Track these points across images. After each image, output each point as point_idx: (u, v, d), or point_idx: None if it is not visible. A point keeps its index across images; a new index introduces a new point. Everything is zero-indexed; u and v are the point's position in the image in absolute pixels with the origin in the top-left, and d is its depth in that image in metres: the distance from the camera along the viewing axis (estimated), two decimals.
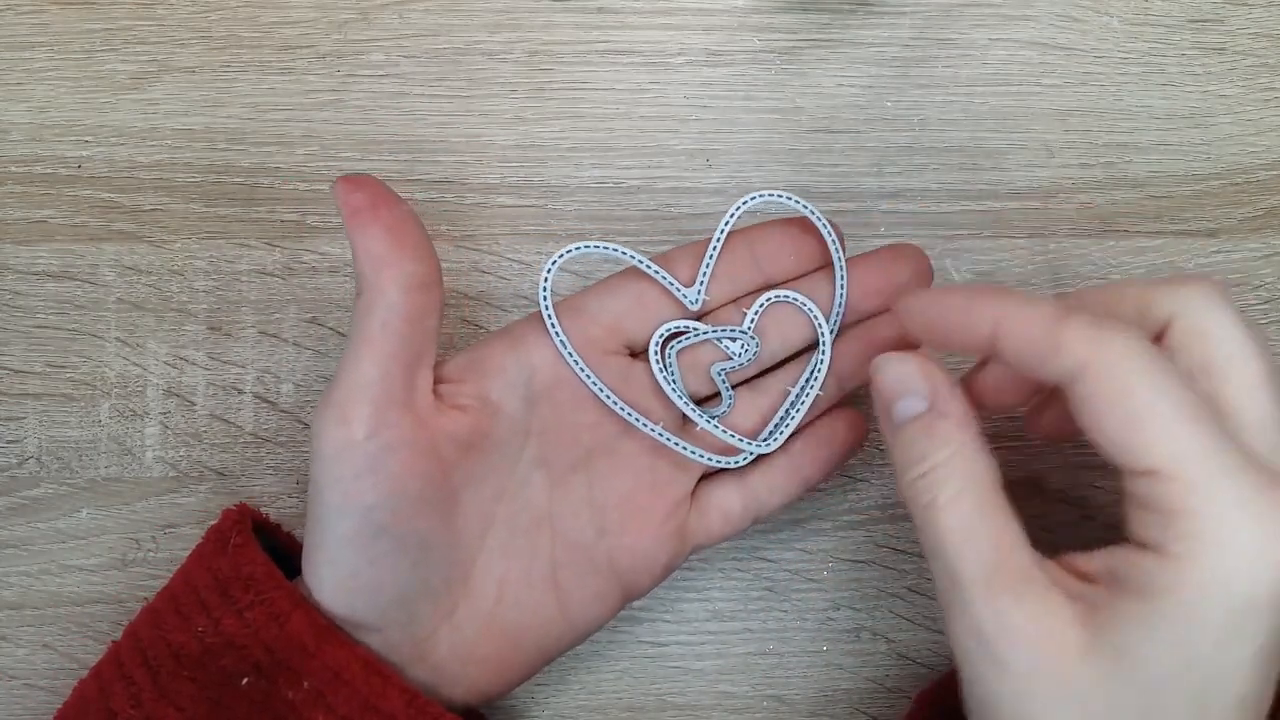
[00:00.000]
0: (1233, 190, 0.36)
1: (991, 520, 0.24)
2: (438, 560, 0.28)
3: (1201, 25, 0.37)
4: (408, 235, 0.26)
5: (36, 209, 0.35)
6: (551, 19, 0.36)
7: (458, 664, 0.29)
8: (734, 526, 0.31)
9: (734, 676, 0.34)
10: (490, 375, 0.29)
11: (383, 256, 0.26)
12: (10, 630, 0.34)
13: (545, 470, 0.30)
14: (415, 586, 0.28)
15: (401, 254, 0.26)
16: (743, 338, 0.30)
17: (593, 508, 0.30)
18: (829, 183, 0.36)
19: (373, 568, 0.27)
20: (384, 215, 0.26)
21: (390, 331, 0.26)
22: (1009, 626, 0.22)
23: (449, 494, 0.28)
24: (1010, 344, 0.24)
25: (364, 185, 0.26)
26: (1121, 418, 0.22)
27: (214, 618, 0.27)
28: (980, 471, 0.24)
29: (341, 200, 0.26)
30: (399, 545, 0.27)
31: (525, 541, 0.30)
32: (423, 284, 0.27)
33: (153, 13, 0.36)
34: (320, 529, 0.27)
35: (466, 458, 0.28)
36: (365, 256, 0.26)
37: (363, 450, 0.26)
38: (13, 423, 0.34)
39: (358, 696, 0.26)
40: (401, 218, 0.26)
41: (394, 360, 0.26)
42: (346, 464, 0.26)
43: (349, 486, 0.26)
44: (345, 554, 0.27)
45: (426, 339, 0.27)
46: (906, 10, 0.37)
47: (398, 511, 0.27)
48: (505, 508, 0.29)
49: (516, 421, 0.29)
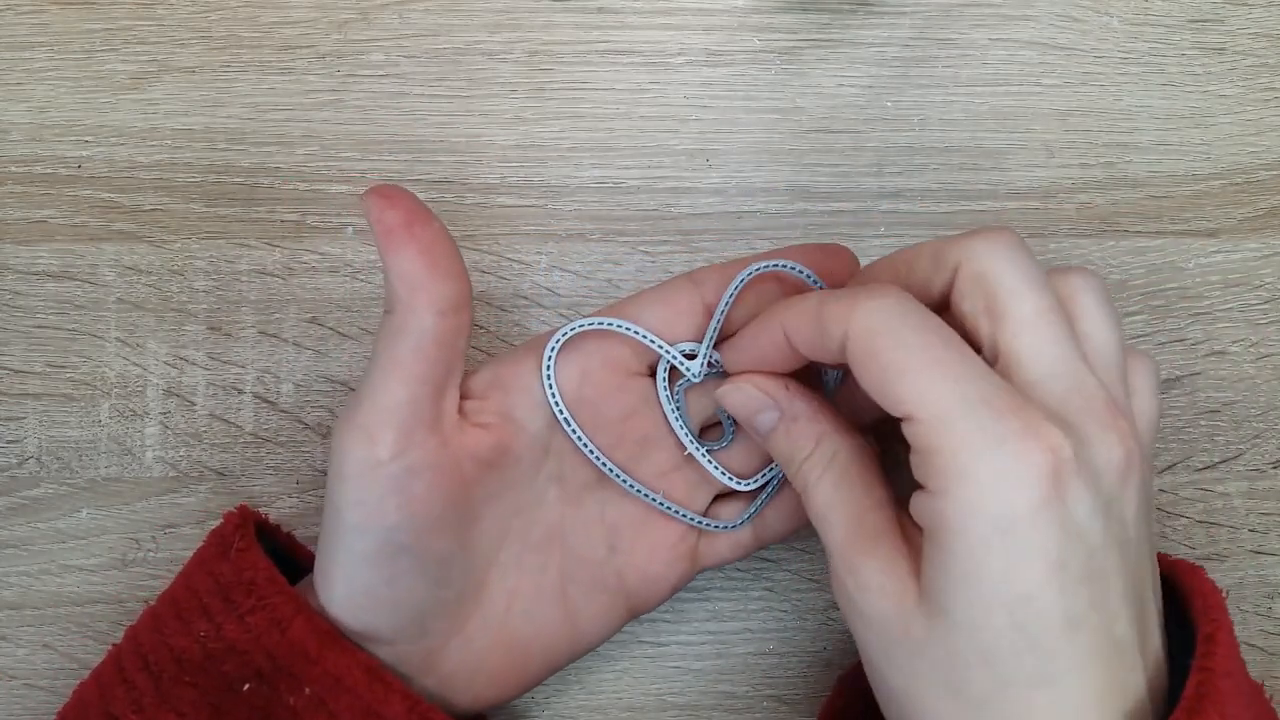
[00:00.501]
0: (1233, 190, 0.36)
1: (850, 490, 0.26)
2: (455, 577, 0.28)
3: (1201, 25, 0.37)
4: (442, 256, 0.25)
5: (36, 209, 0.35)
6: (551, 19, 0.36)
7: (465, 675, 0.29)
8: (742, 552, 0.31)
9: (734, 676, 0.34)
10: (514, 393, 0.28)
11: (417, 279, 0.25)
12: (10, 630, 0.34)
13: (560, 487, 0.30)
14: (431, 602, 0.27)
15: (435, 276, 0.25)
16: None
17: (605, 526, 0.30)
18: (829, 183, 0.36)
19: (390, 586, 0.27)
20: (419, 235, 0.25)
21: (421, 355, 0.26)
22: (863, 582, 0.24)
23: (469, 512, 0.28)
24: (799, 345, 0.26)
25: (398, 202, 0.25)
26: (877, 374, 0.23)
27: (216, 623, 0.27)
28: (840, 451, 0.26)
29: (375, 217, 0.25)
30: (418, 564, 0.27)
31: (537, 556, 0.29)
32: (455, 307, 0.26)
33: (153, 13, 0.36)
34: (337, 545, 0.27)
35: (487, 474, 0.28)
36: (399, 277, 0.25)
37: (387, 472, 0.26)
38: (13, 423, 0.34)
39: (359, 703, 0.26)
40: (436, 237, 0.25)
41: (423, 383, 0.26)
42: (370, 485, 0.26)
43: (372, 508, 0.26)
44: (362, 572, 0.26)
45: (455, 361, 0.26)
46: (906, 10, 0.37)
47: (419, 532, 0.26)
48: (520, 522, 0.29)
49: (537, 439, 0.29)
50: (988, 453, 0.22)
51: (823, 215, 0.36)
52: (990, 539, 0.22)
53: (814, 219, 0.36)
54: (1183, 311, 0.36)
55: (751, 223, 0.36)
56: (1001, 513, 0.22)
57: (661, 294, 0.29)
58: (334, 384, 0.35)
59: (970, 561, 0.22)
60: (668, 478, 0.30)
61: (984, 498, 0.22)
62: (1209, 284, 0.36)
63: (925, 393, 0.22)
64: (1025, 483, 0.22)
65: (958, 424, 0.22)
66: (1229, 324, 0.36)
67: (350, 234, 0.35)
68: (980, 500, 0.22)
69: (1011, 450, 0.22)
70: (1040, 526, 0.22)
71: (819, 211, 0.36)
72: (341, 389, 0.35)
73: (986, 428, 0.22)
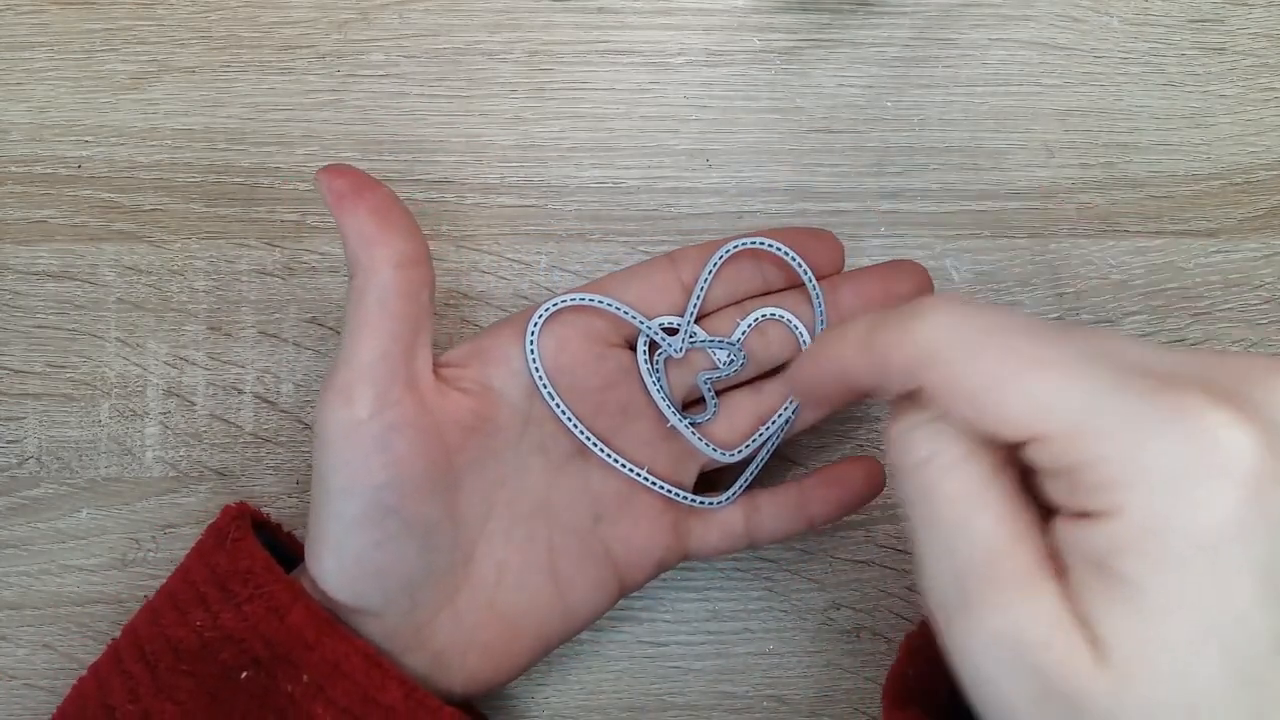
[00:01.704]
0: (1233, 190, 0.36)
1: (998, 506, 0.20)
2: (442, 544, 0.28)
3: (1201, 25, 0.37)
4: (393, 214, 0.27)
5: (36, 209, 0.35)
6: (551, 19, 0.36)
7: (457, 651, 0.29)
8: (732, 543, 0.31)
9: (734, 676, 0.34)
10: (493, 363, 0.29)
11: (372, 236, 0.26)
12: (10, 630, 0.34)
13: (544, 457, 0.30)
14: (420, 571, 0.28)
15: (389, 232, 0.26)
16: (730, 348, 0.31)
17: (589, 495, 0.30)
18: (829, 183, 0.36)
19: (379, 550, 0.27)
20: (369, 197, 0.27)
21: (387, 309, 0.26)
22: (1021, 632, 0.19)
23: (452, 477, 0.28)
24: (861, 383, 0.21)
25: (345, 172, 0.27)
26: (969, 400, 0.19)
27: (212, 612, 0.27)
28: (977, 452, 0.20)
29: (325, 187, 0.26)
30: (406, 528, 0.27)
31: (524, 528, 0.30)
32: (413, 260, 0.27)
33: (153, 13, 0.36)
34: (325, 515, 0.27)
35: (469, 442, 0.28)
36: (355, 238, 0.26)
37: (368, 430, 0.26)
38: (13, 423, 0.34)
39: (357, 689, 0.26)
40: (385, 199, 0.27)
41: (393, 339, 0.26)
42: (353, 445, 0.26)
43: (356, 468, 0.26)
44: (352, 538, 0.27)
45: (422, 315, 0.27)
46: (906, 10, 0.37)
47: (404, 493, 0.27)
48: (505, 493, 0.29)
49: (517, 409, 0.29)
50: (1156, 449, 0.17)
51: (823, 215, 0.36)
52: (1191, 559, 0.17)
53: (814, 219, 0.36)
54: (1183, 311, 0.36)
55: (751, 223, 0.36)
56: (1201, 522, 0.17)
57: (640, 272, 0.31)
58: None
59: (1168, 593, 0.17)
60: (652, 449, 0.30)
61: (1171, 508, 0.17)
62: (1209, 284, 0.36)
63: (1043, 401, 0.18)
64: (1217, 474, 0.17)
65: (1103, 423, 0.18)
66: (1229, 324, 0.36)
67: None
68: (1167, 512, 0.17)
69: (1183, 437, 0.17)
70: (1248, 528, 0.17)
71: (819, 211, 0.36)
72: None
73: (1141, 418, 0.17)
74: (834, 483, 0.31)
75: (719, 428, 0.31)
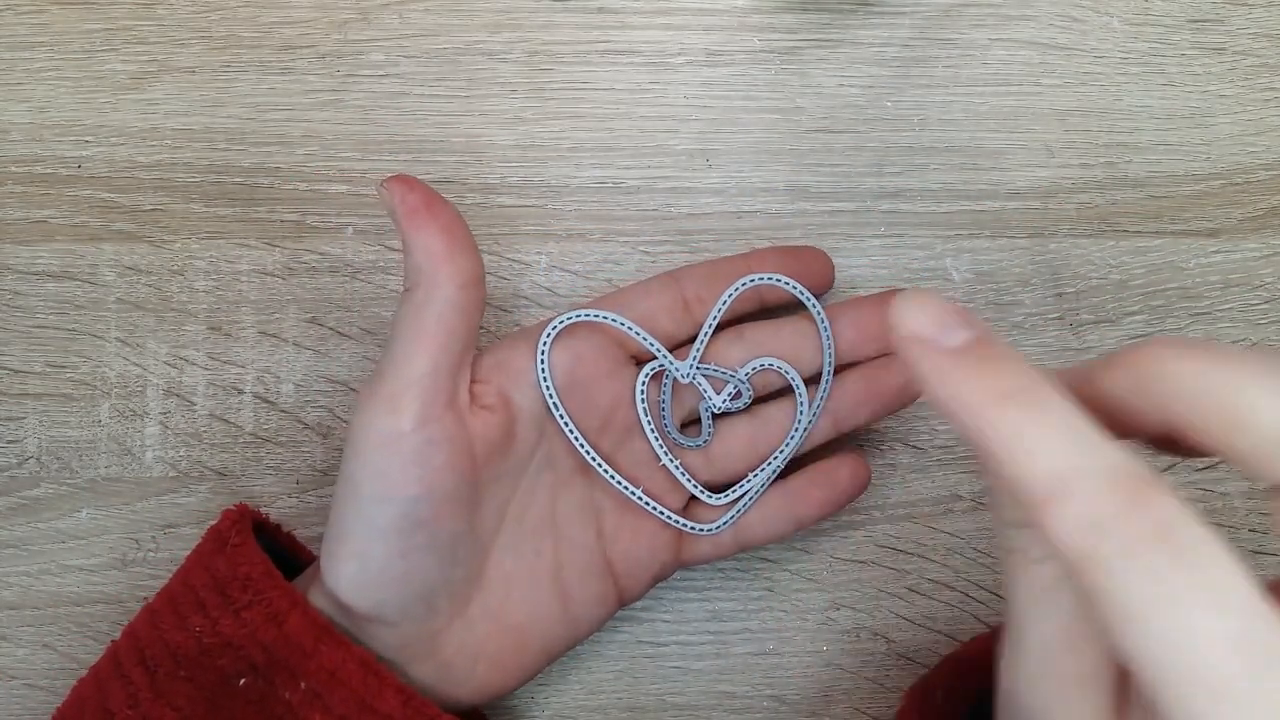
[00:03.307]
0: (1233, 190, 0.36)
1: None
2: (462, 557, 0.28)
3: (1201, 25, 0.37)
4: (461, 233, 0.27)
5: (36, 209, 0.35)
6: (551, 19, 0.36)
7: (466, 662, 0.29)
8: (721, 553, 0.32)
9: (734, 676, 0.34)
10: (513, 377, 0.29)
11: (440, 253, 0.27)
12: (10, 630, 0.34)
13: (553, 472, 0.30)
14: (439, 582, 0.28)
15: (457, 251, 0.27)
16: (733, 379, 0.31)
17: (593, 510, 0.31)
18: (829, 183, 0.36)
19: (403, 560, 0.27)
20: (440, 214, 0.27)
21: (444, 326, 0.27)
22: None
23: (476, 492, 0.28)
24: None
25: (417, 186, 0.27)
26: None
27: (211, 618, 0.27)
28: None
29: (397, 200, 0.27)
30: (431, 541, 0.27)
31: (531, 541, 0.30)
32: (474, 280, 0.27)
33: (153, 13, 0.36)
34: (351, 521, 0.27)
35: (494, 457, 0.29)
36: (422, 252, 0.27)
37: (409, 442, 0.26)
38: (13, 423, 0.34)
39: (354, 697, 0.26)
40: (454, 217, 0.27)
41: (446, 354, 0.27)
42: (391, 455, 0.26)
43: (393, 478, 0.26)
44: (378, 546, 0.27)
45: (470, 338, 0.28)
46: (906, 10, 0.37)
47: (436, 507, 0.27)
48: (515, 508, 0.30)
49: (534, 423, 0.30)
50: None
51: (822, 215, 0.36)
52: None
53: (814, 219, 0.36)
54: (1183, 311, 0.36)
55: (751, 223, 0.36)
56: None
57: (644, 290, 0.31)
58: (334, 384, 0.35)
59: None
60: (651, 467, 0.31)
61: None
62: (1209, 284, 0.36)
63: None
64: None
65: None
66: (1229, 324, 0.36)
67: (350, 234, 0.35)
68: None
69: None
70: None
71: (819, 211, 0.36)
72: (342, 389, 0.35)
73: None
74: (820, 482, 0.32)
75: (714, 449, 0.32)
